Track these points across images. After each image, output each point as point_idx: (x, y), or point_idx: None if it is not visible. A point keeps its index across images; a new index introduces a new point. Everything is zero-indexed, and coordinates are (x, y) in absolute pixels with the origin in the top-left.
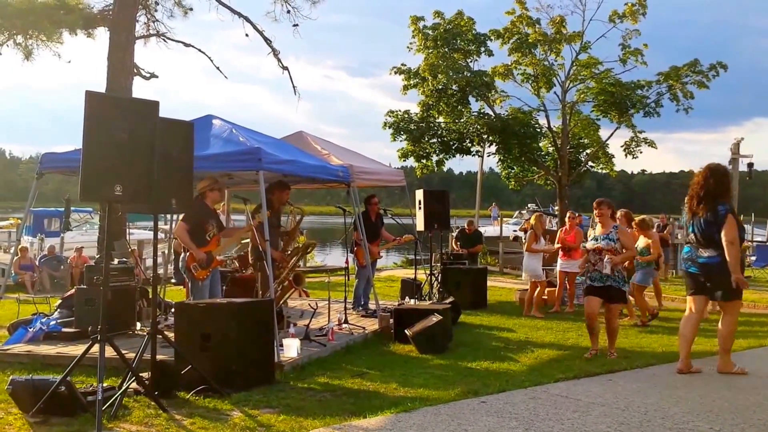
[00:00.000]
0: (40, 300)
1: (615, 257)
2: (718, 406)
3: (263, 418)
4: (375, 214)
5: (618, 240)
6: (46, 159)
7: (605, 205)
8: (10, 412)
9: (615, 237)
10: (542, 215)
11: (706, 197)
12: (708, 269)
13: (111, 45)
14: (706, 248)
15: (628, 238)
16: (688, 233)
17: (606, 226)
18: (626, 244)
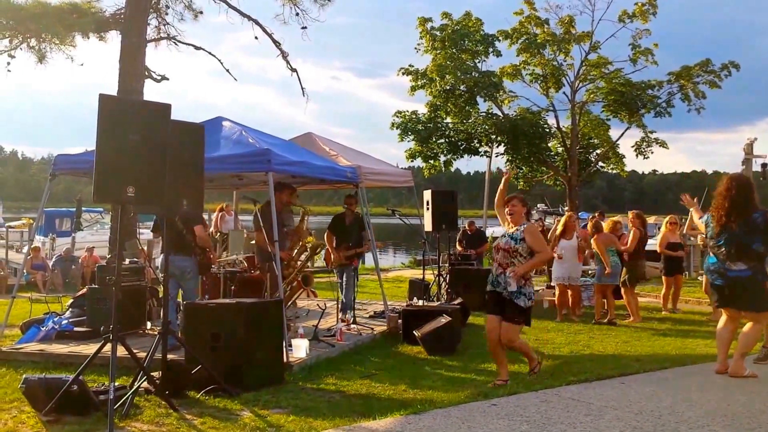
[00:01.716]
0: (53, 299)
1: (518, 268)
2: (733, 411)
3: (273, 418)
4: (351, 216)
5: (522, 240)
6: (59, 160)
7: (516, 199)
8: (23, 410)
9: (520, 236)
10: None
11: (734, 209)
12: (736, 282)
13: (123, 48)
14: (736, 261)
15: (538, 240)
16: (717, 245)
17: (517, 224)
18: (535, 245)
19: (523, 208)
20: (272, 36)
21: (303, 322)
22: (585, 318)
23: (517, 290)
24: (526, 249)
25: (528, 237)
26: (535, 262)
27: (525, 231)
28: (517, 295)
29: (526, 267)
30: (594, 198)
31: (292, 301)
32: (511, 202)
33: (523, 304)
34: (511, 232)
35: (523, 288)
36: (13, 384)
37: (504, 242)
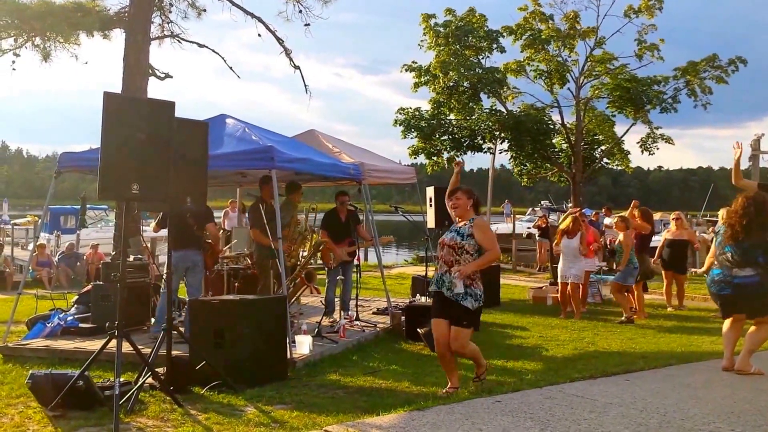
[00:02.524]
0: (58, 296)
1: (464, 267)
2: (739, 408)
3: (276, 414)
4: (345, 212)
5: (470, 236)
6: (64, 158)
7: (461, 192)
8: (29, 405)
9: (467, 232)
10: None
11: (749, 226)
12: (743, 289)
13: (127, 46)
14: (744, 267)
15: (487, 236)
16: (723, 252)
17: (463, 218)
18: (484, 242)
19: (469, 200)
20: (275, 33)
21: (306, 318)
22: (590, 315)
23: (463, 292)
24: (473, 246)
25: (477, 232)
26: (483, 261)
27: (474, 226)
28: (464, 297)
29: (473, 266)
30: (598, 195)
31: (296, 298)
32: (455, 195)
33: (471, 306)
34: (458, 227)
35: (469, 288)
36: (20, 379)
37: (449, 238)
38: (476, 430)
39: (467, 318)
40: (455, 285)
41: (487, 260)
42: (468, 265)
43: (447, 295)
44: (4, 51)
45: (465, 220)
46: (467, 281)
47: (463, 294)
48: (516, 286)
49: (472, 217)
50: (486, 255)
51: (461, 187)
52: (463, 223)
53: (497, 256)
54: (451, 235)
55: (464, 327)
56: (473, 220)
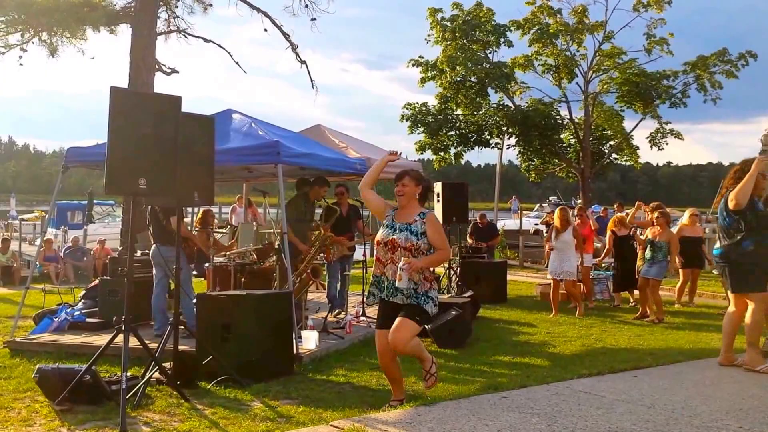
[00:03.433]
0: (65, 290)
1: (415, 261)
2: (748, 405)
3: (283, 409)
4: (345, 206)
5: (424, 234)
6: (71, 153)
7: (409, 177)
8: (36, 399)
9: (421, 230)
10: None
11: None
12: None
13: (133, 41)
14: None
15: (440, 234)
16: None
17: (409, 210)
18: (436, 241)
19: (417, 187)
20: (281, 28)
21: (312, 314)
22: (598, 311)
23: (423, 295)
24: (427, 245)
25: (431, 230)
26: (434, 259)
27: (427, 222)
28: (425, 299)
29: (425, 262)
30: (607, 191)
31: (303, 293)
32: (402, 181)
33: (430, 310)
34: (408, 224)
35: (430, 292)
36: (27, 374)
37: (403, 238)
38: (482, 425)
39: (422, 315)
40: (402, 278)
41: (438, 259)
42: (420, 261)
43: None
44: (11, 46)
45: (409, 210)
46: (425, 283)
47: (423, 296)
48: (523, 282)
49: (421, 211)
50: (437, 254)
51: (410, 172)
52: (411, 219)
53: (448, 255)
54: (404, 235)
55: (416, 322)
56: (425, 215)
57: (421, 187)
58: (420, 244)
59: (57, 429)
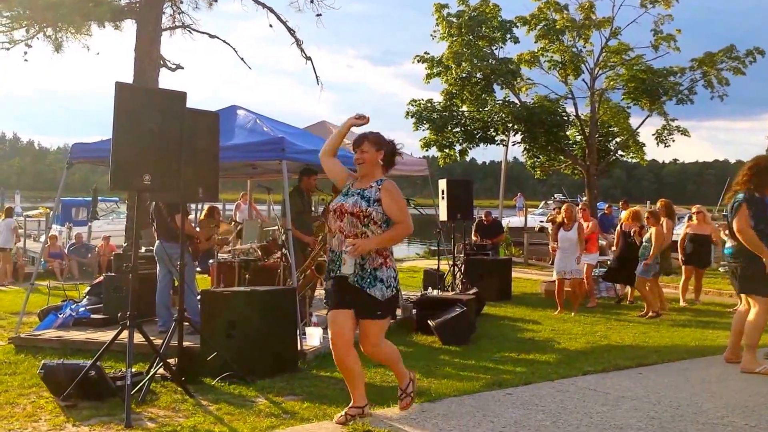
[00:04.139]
0: (70, 287)
1: (362, 242)
2: (754, 402)
3: (287, 405)
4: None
5: (378, 202)
6: (75, 149)
7: (369, 142)
8: (41, 395)
9: (375, 196)
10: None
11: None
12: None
13: (138, 37)
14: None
15: (398, 204)
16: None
17: (368, 176)
18: (393, 212)
19: (378, 153)
20: (286, 23)
21: (316, 310)
22: (602, 309)
23: (370, 275)
24: (381, 215)
25: (386, 198)
26: (390, 236)
27: (383, 189)
28: (371, 282)
29: (375, 242)
30: (613, 188)
31: (307, 289)
32: (361, 147)
33: (380, 296)
34: (362, 189)
35: (379, 271)
36: (32, 370)
37: (351, 203)
38: (487, 422)
39: (380, 306)
40: (346, 263)
41: (395, 235)
42: (367, 240)
43: (352, 281)
44: (16, 42)
45: (370, 178)
46: (375, 259)
47: (370, 278)
48: (528, 279)
49: (380, 177)
50: (394, 228)
51: (369, 135)
52: (368, 184)
53: (408, 230)
54: (353, 199)
55: (378, 318)
56: (382, 181)
57: (383, 152)
58: (371, 212)
59: (62, 424)
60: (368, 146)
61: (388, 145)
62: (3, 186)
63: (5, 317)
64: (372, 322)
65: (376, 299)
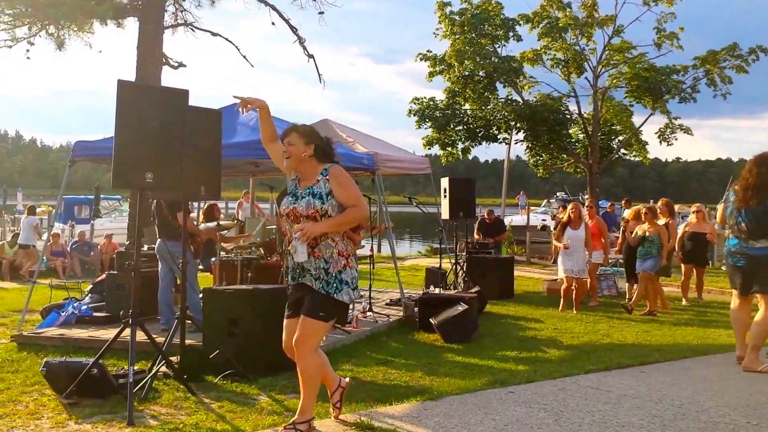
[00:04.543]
0: (72, 285)
1: (313, 226)
2: (756, 400)
3: (290, 403)
4: None
5: (331, 194)
6: (78, 147)
7: (296, 133)
8: (44, 393)
9: (325, 190)
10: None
11: (759, 188)
12: (758, 261)
13: (140, 35)
14: (759, 239)
15: (348, 189)
16: (736, 222)
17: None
18: (344, 196)
19: (308, 146)
20: (289, 21)
21: None
22: (605, 307)
23: (335, 279)
24: (337, 207)
25: (335, 185)
26: (343, 219)
27: (330, 177)
28: (338, 286)
29: (327, 225)
30: (615, 186)
31: None
32: (288, 138)
33: (348, 299)
34: (311, 187)
35: (344, 273)
36: (35, 367)
37: (304, 205)
38: (489, 420)
39: (330, 308)
40: (297, 250)
41: (347, 218)
42: (317, 224)
43: (317, 288)
44: (19, 40)
45: (310, 172)
46: (338, 260)
47: (335, 281)
48: (530, 278)
49: (324, 167)
50: (348, 212)
51: (299, 126)
52: (313, 180)
53: (362, 212)
54: (305, 201)
55: (320, 319)
56: (327, 170)
57: (312, 146)
58: (327, 208)
59: (64, 422)
60: (296, 138)
61: (319, 139)
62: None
63: (8, 315)
64: (312, 322)
65: (338, 302)
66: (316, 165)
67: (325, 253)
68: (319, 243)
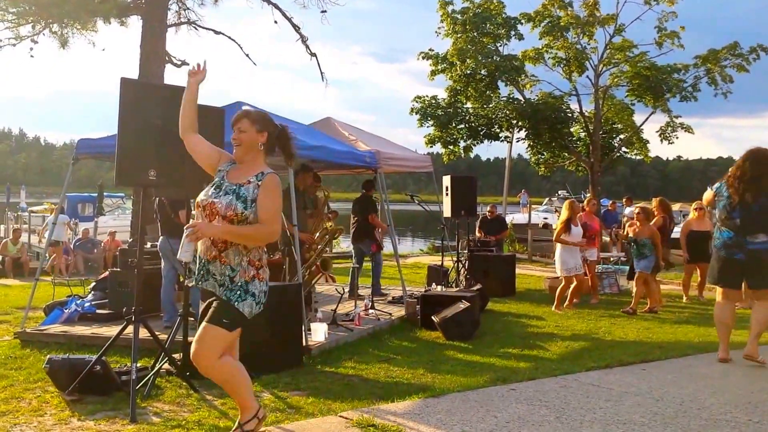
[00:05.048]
0: (75, 282)
1: (206, 227)
2: (757, 398)
3: (292, 400)
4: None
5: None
6: (81, 144)
7: (248, 120)
8: (47, 390)
9: (252, 195)
10: (575, 202)
11: (750, 181)
12: (757, 255)
13: (144, 33)
14: (756, 234)
15: (271, 203)
16: (731, 218)
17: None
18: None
19: (260, 134)
20: (291, 20)
21: (321, 306)
22: (606, 305)
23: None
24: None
25: (262, 194)
26: (249, 232)
27: (262, 185)
28: (241, 295)
29: (224, 230)
30: (617, 185)
31: (311, 286)
32: (239, 125)
33: (248, 312)
34: (239, 184)
35: (251, 284)
36: (37, 364)
37: (225, 203)
38: (491, 417)
39: (230, 315)
40: (185, 252)
41: (252, 233)
42: (212, 226)
43: (220, 293)
44: (22, 38)
45: (249, 167)
46: (248, 270)
47: (239, 290)
48: (531, 276)
49: (261, 170)
50: (255, 227)
51: (251, 112)
52: (245, 179)
53: (270, 235)
54: (227, 199)
55: (222, 326)
56: (263, 175)
57: (266, 134)
58: (248, 215)
59: (67, 419)
60: (247, 125)
61: (274, 127)
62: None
63: (11, 312)
64: (215, 329)
65: (240, 312)
66: (260, 160)
67: (233, 260)
68: (229, 248)
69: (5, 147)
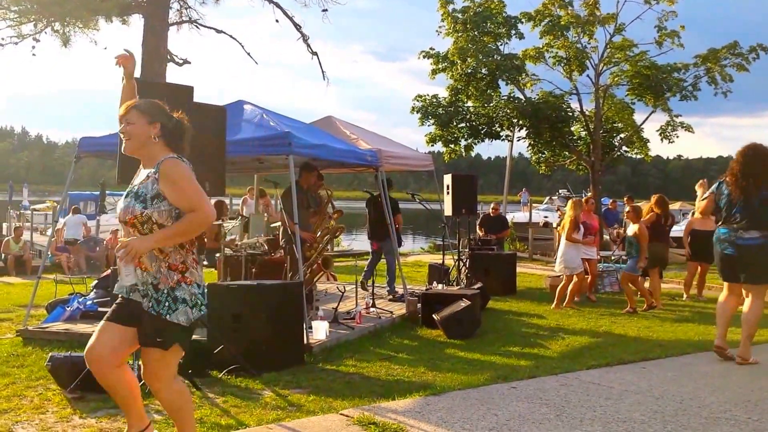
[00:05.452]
0: (77, 280)
1: (135, 241)
2: (756, 396)
3: (293, 398)
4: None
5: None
6: (83, 143)
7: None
8: (49, 387)
9: (152, 191)
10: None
11: (751, 177)
12: (746, 250)
13: (145, 32)
14: (748, 230)
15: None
16: (731, 214)
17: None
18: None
19: (152, 126)
20: (293, 19)
21: (323, 304)
22: (606, 303)
23: (167, 297)
24: (168, 212)
25: (164, 185)
26: (179, 228)
27: (160, 174)
28: (171, 305)
29: (156, 238)
30: (618, 184)
31: (313, 284)
32: (126, 117)
33: (186, 320)
34: (136, 186)
35: (178, 290)
36: (39, 362)
37: (122, 207)
38: (491, 415)
39: (161, 331)
40: (127, 276)
41: (184, 227)
42: (142, 239)
43: (146, 306)
44: (24, 36)
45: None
46: (170, 275)
47: (166, 298)
48: (532, 274)
49: (160, 158)
50: (185, 219)
51: (140, 102)
52: (144, 175)
53: (205, 218)
54: (125, 202)
55: (159, 346)
56: (159, 164)
57: (158, 126)
58: (150, 214)
59: (69, 417)
60: (136, 116)
61: (166, 117)
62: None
63: (13, 310)
64: (155, 353)
65: (172, 324)
66: (161, 154)
67: (150, 266)
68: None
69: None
